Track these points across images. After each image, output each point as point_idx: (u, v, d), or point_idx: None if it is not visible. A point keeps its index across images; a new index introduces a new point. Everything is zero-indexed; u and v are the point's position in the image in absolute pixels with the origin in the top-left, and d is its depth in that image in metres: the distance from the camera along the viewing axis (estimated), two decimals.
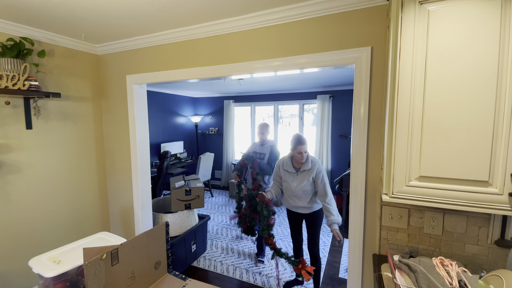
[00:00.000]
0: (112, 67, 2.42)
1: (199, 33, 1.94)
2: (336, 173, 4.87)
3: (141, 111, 2.40)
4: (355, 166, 1.56)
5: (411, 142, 1.03)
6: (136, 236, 1.18)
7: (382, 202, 1.41)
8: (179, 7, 1.60)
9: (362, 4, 1.45)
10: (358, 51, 1.48)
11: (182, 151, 5.70)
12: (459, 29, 0.93)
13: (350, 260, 1.63)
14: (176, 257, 2.60)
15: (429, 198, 1.02)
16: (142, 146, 2.42)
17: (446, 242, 1.30)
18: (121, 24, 1.88)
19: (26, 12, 1.67)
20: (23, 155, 2.00)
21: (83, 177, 2.42)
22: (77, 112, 2.34)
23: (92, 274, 0.97)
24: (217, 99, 6.07)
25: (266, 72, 1.78)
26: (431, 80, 0.98)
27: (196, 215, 2.99)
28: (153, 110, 5.05)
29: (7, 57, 1.76)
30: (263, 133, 2.90)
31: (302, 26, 1.63)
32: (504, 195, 0.92)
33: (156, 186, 4.21)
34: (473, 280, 0.95)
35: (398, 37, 1.00)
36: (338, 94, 4.81)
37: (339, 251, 3.20)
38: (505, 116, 0.89)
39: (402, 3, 0.99)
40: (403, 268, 1.07)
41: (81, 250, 1.34)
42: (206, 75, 1.97)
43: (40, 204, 2.12)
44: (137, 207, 2.44)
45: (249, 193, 2.32)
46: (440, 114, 0.98)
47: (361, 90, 1.50)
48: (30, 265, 1.25)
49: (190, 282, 1.28)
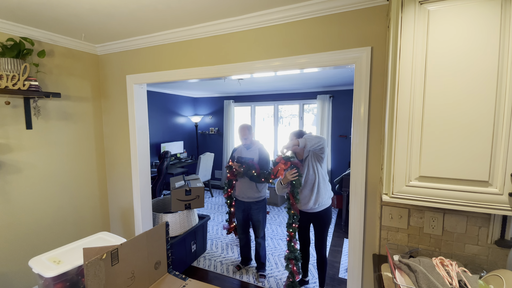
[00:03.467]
0: (112, 67, 2.42)
1: (199, 33, 1.94)
2: (336, 173, 4.87)
3: (141, 111, 2.40)
4: (355, 166, 1.56)
5: (411, 142, 1.03)
6: (136, 236, 1.18)
7: (382, 202, 1.41)
8: (179, 7, 1.60)
9: (362, 4, 1.45)
10: (358, 51, 1.48)
11: (182, 151, 5.70)
12: (459, 29, 0.93)
13: (350, 260, 1.63)
14: (176, 257, 2.60)
15: (429, 198, 1.02)
16: (142, 146, 2.42)
17: (446, 242, 1.30)
18: (121, 24, 1.88)
19: (26, 12, 1.67)
20: (23, 155, 2.00)
21: (83, 177, 2.42)
22: (77, 112, 2.34)
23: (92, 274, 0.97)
24: (217, 99, 6.07)
25: (266, 72, 1.78)
26: (431, 80, 0.98)
27: (196, 215, 2.99)
28: (153, 110, 5.05)
29: (7, 57, 1.76)
30: (246, 138, 2.52)
31: (302, 26, 1.63)
32: (504, 195, 0.92)
33: (156, 186, 4.20)
34: (473, 280, 0.95)
35: (398, 37, 1.00)
36: (338, 94, 4.81)
37: (339, 251, 3.20)
38: (505, 116, 0.89)
39: (402, 3, 0.99)
40: (403, 268, 1.07)
41: (81, 250, 1.34)
42: (206, 75, 1.97)
43: (40, 204, 2.12)
44: (137, 207, 2.44)
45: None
46: (440, 114, 0.98)
47: (361, 90, 1.50)
48: (30, 265, 1.25)
49: (190, 282, 1.28)
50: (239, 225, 2.74)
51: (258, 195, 2.57)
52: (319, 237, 2.31)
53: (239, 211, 2.67)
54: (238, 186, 2.60)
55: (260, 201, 2.59)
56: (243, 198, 2.59)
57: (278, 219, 4.24)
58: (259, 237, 2.66)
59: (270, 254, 3.13)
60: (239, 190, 2.59)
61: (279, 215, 4.39)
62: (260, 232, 2.64)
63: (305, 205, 2.22)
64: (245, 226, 2.74)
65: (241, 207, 2.64)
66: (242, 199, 2.61)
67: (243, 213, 2.66)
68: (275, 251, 3.21)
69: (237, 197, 2.65)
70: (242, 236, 2.78)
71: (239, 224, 2.73)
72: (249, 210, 2.61)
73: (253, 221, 2.64)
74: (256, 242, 2.68)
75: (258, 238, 2.66)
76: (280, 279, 2.63)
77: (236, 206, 2.70)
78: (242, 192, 2.57)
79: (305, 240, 2.44)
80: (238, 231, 2.77)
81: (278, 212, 4.56)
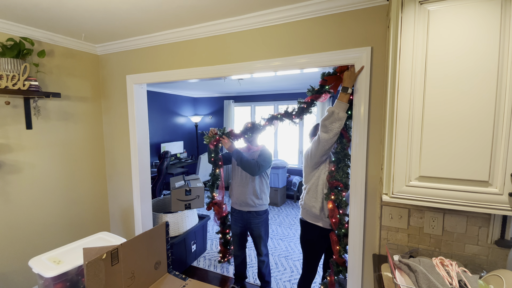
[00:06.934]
0: (112, 67, 2.42)
1: (199, 33, 1.94)
2: None
3: (141, 111, 2.40)
4: (355, 166, 1.56)
5: (411, 142, 1.03)
6: (136, 236, 1.18)
7: (382, 202, 1.41)
8: (179, 7, 1.60)
9: (362, 4, 1.45)
10: (358, 51, 1.48)
11: (182, 151, 5.70)
12: (459, 29, 0.93)
13: (350, 260, 1.63)
14: (176, 257, 2.60)
15: (429, 198, 1.02)
16: (142, 146, 2.42)
17: (446, 242, 1.30)
18: (121, 24, 1.88)
19: (26, 12, 1.67)
20: (23, 155, 2.00)
21: (83, 177, 2.42)
22: (77, 112, 2.34)
23: (92, 274, 0.97)
24: (217, 99, 6.07)
25: (266, 72, 1.78)
26: (431, 80, 0.98)
27: (196, 215, 2.99)
28: (153, 110, 5.05)
29: (7, 57, 1.76)
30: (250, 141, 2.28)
31: (302, 26, 1.63)
32: (504, 195, 0.92)
33: (156, 186, 4.21)
34: (473, 280, 0.95)
35: (398, 37, 1.00)
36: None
37: None
38: (505, 116, 0.89)
39: (402, 3, 0.99)
40: (403, 268, 1.07)
41: (81, 250, 1.34)
42: (206, 75, 1.97)
43: (40, 204, 2.12)
44: (137, 207, 2.44)
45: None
46: (440, 114, 0.98)
47: (361, 90, 1.50)
48: (30, 265, 1.25)
49: (190, 282, 1.28)
50: (234, 241, 2.36)
51: (259, 203, 2.20)
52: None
53: (236, 224, 2.30)
54: (234, 190, 2.27)
55: (262, 213, 2.24)
56: (241, 206, 2.23)
57: (278, 219, 4.24)
58: (262, 255, 2.28)
59: (271, 254, 3.13)
60: (235, 195, 2.25)
61: (279, 215, 4.39)
62: (263, 249, 2.28)
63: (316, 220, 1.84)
64: (242, 242, 2.36)
65: (238, 219, 2.28)
66: (240, 208, 2.24)
67: (241, 227, 2.29)
68: (275, 251, 3.22)
69: (233, 206, 2.30)
70: (239, 253, 2.38)
71: (235, 239, 2.36)
72: (249, 225, 2.24)
73: (254, 237, 2.27)
74: (258, 261, 2.32)
75: (262, 256, 2.29)
76: (280, 279, 2.63)
77: (232, 217, 2.34)
78: (239, 198, 2.22)
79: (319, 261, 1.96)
80: (234, 247, 2.40)
81: (278, 212, 4.56)
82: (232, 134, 2.31)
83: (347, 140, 1.70)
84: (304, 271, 1.95)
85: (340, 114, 1.56)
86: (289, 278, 2.65)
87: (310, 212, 1.83)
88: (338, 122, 1.57)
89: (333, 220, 1.69)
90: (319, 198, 1.77)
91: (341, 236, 1.69)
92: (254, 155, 2.27)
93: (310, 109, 1.88)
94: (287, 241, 3.49)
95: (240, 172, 2.24)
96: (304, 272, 1.95)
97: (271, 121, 2.12)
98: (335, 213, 1.68)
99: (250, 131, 2.20)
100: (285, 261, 3.00)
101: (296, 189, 4.99)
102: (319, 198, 1.77)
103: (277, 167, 4.77)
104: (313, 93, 1.79)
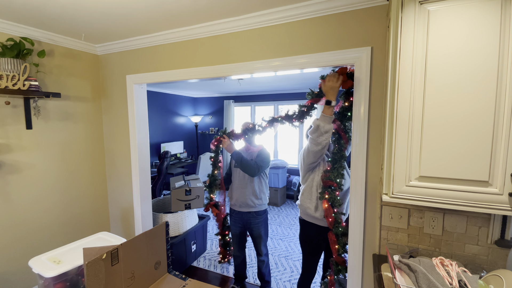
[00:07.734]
0: (112, 67, 2.42)
1: (199, 33, 1.94)
2: None
3: (141, 111, 2.40)
4: (355, 166, 1.56)
5: (411, 142, 1.03)
6: (136, 236, 1.18)
7: (382, 202, 1.41)
8: (179, 7, 1.60)
9: (362, 4, 1.45)
10: (358, 51, 1.48)
11: (182, 151, 5.70)
12: (459, 29, 0.93)
13: (350, 260, 1.63)
14: (176, 257, 2.60)
15: (429, 198, 1.02)
16: (142, 146, 2.42)
17: (446, 242, 1.30)
18: (121, 24, 1.88)
19: (26, 12, 1.67)
20: (23, 155, 2.00)
21: (83, 177, 2.42)
22: (77, 112, 2.34)
23: (92, 274, 0.97)
24: (217, 99, 6.07)
25: (266, 72, 1.78)
26: (431, 80, 0.98)
27: (196, 215, 2.99)
28: (153, 110, 5.05)
29: (7, 57, 1.76)
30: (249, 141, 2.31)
31: (302, 26, 1.63)
32: (504, 195, 0.92)
33: (156, 186, 4.21)
34: (473, 280, 0.95)
35: (398, 37, 1.00)
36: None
37: None
38: (505, 116, 0.89)
39: (402, 3, 0.99)
40: (403, 268, 1.07)
41: (81, 250, 1.34)
42: (206, 75, 1.97)
43: (40, 204, 2.12)
44: (137, 207, 2.44)
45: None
46: (440, 114, 0.98)
47: (361, 90, 1.50)
48: (30, 265, 1.25)
49: (190, 282, 1.28)
50: (234, 241, 2.39)
51: (258, 203, 2.24)
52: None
53: (235, 225, 2.33)
54: (233, 191, 2.30)
55: (261, 213, 2.27)
56: (240, 207, 2.26)
57: (278, 219, 4.24)
58: (262, 254, 2.32)
59: (270, 254, 3.13)
60: (235, 197, 2.28)
61: (279, 215, 4.39)
62: (263, 249, 2.32)
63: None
64: (241, 242, 2.39)
65: (237, 219, 2.31)
66: (239, 209, 2.27)
67: (241, 227, 2.32)
68: (275, 251, 3.22)
69: (232, 207, 2.33)
70: (239, 253, 2.41)
71: (234, 240, 2.39)
72: (248, 225, 2.28)
73: (254, 237, 2.31)
74: (258, 261, 2.36)
75: (261, 256, 2.33)
76: (280, 279, 2.63)
77: (231, 218, 2.37)
78: (238, 199, 2.24)
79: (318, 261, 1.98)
80: (234, 248, 2.43)
81: (278, 212, 4.56)
82: (233, 134, 2.32)
83: (345, 142, 1.72)
84: (304, 270, 1.96)
85: (326, 127, 1.58)
86: (289, 278, 2.65)
87: (306, 212, 1.86)
88: (325, 135, 1.59)
89: (329, 220, 1.70)
90: (314, 198, 1.80)
91: (339, 235, 1.70)
92: (252, 155, 2.28)
93: (310, 112, 1.89)
94: (287, 241, 3.49)
95: (239, 174, 2.27)
96: (304, 271, 1.96)
97: (271, 124, 2.13)
98: (330, 212, 1.69)
99: (250, 132, 2.22)
100: (285, 261, 3.00)
101: (296, 189, 4.99)
102: (313, 199, 1.80)
103: (277, 167, 4.77)
104: (313, 97, 1.81)
